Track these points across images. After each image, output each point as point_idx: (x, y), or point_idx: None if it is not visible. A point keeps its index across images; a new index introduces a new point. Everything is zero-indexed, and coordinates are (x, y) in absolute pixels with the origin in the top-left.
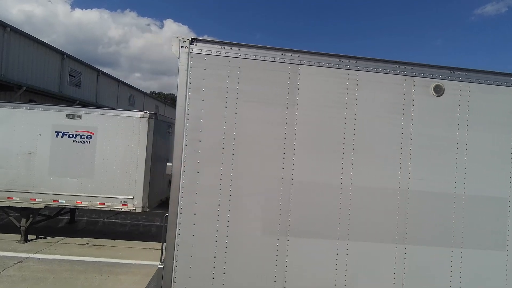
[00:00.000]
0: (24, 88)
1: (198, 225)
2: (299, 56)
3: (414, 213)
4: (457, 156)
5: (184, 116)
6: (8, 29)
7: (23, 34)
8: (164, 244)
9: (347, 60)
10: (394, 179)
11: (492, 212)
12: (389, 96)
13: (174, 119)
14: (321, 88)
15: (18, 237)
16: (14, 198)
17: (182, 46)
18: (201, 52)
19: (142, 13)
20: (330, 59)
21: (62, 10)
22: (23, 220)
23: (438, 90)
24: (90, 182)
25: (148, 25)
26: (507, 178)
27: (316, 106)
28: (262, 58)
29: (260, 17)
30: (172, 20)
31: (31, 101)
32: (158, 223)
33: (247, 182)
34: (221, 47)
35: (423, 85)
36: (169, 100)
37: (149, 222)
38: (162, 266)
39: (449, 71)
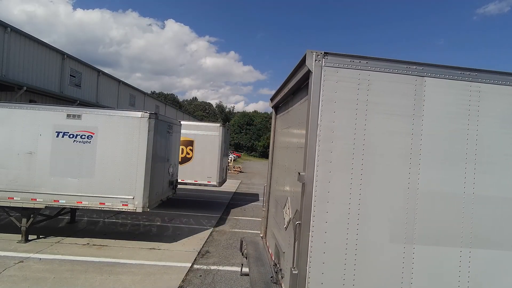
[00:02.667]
0: (25, 88)
1: (330, 232)
2: (423, 68)
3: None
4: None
5: (317, 127)
6: (9, 29)
7: (24, 34)
8: (295, 250)
9: (467, 72)
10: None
11: None
12: (508, 106)
13: (175, 119)
14: (444, 99)
15: (18, 237)
16: (14, 198)
17: (316, 60)
18: (333, 66)
19: (143, 13)
20: (452, 71)
21: (64, 10)
22: (24, 220)
23: None
24: (91, 182)
25: (150, 25)
26: None
27: (440, 117)
28: (389, 71)
29: (260, 18)
30: (173, 20)
31: (31, 101)
32: (159, 223)
33: (375, 191)
34: (351, 60)
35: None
36: (170, 100)
37: (150, 222)
38: (296, 272)
39: None
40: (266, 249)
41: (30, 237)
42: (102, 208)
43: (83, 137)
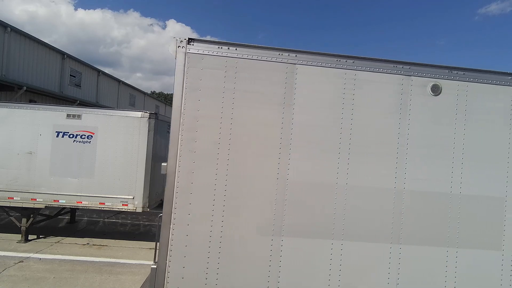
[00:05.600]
0: (25, 88)
1: (192, 225)
2: (296, 55)
3: (410, 213)
4: (454, 156)
5: (180, 116)
6: (9, 29)
7: (24, 34)
8: (158, 244)
9: (344, 60)
10: (390, 179)
11: (488, 211)
12: (386, 95)
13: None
14: (317, 87)
15: (18, 237)
16: (14, 198)
17: (179, 46)
18: (198, 52)
19: (145, 14)
20: (327, 58)
21: (65, 10)
22: (24, 220)
23: (436, 90)
24: (91, 182)
25: (151, 25)
26: (504, 177)
27: (312, 106)
28: (259, 58)
29: (261, 18)
30: (174, 21)
31: (31, 101)
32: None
33: (242, 182)
34: (218, 47)
35: (420, 84)
36: (170, 100)
37: (150, 222)
38: (155, 267)
39: (447, 71)
40: None
41: (30, 237)
42: (102, 208)
43: (83, 137)
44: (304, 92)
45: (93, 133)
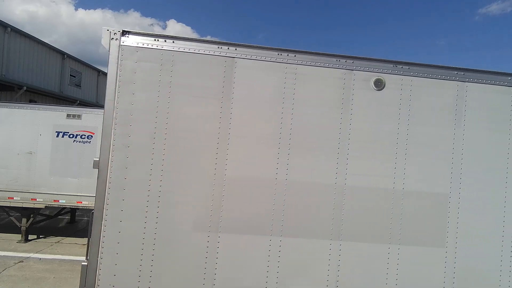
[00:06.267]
0: (25, 88)
1: (126, 221)
2: (236, 49)
3: (351, 209)
4: (397, 152)
5: (113, 110)
6: (9, 29)
7: (24, 34)
8: (90, 240)
9: (285, 54)
10: (331, 174)
11: (432, 208)
12: (328, 90)
13: None
14: (257, 82)
15: (18, 237)
16: (14, 198)
17: (112, 38)
18: (132, 45)
19: (145, 14)
20: (268, 52)
21: (66, 10)
22: (24, 220)
23: (379, 84)
24: (91, 182)
25: (151, 25)
26: (448, 174)
27: (252, 100)
28: (196, 51)
29: (262, 18)
30: (175, 21)
31: (31, 101)
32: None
33: (178, 177)
34: (155, 40)
35: (363, 79)
36: None
37: None
38: (86, 264)
39: (392, 65)
40: None
41: (30, 237)
42: None
43: (83, 137)
44: (244, 86)
45: (93, 133)
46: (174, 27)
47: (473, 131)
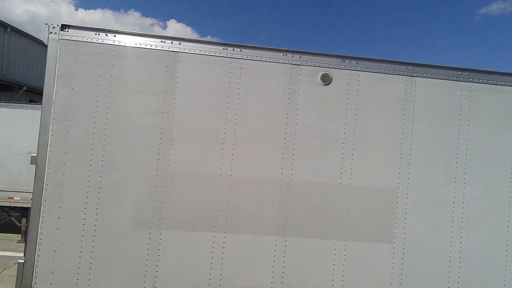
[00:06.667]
0: (25, 88)
1: (64, 218)
2: (180, 43)
3: (297, 205)
4: (344, 147)
5: (51, 105)
6: (9, 29)
7: (24, 34)
8: (27, 238)
9: (231, 48)
10: (277, 170)
11: (380, 203)
12: (274, 85)
13: None
14: (201, 76)
15: (18, 237)
16: (14, 198)
17: (51, 32)
18: (71, 39)
19: (145, 14)
20: (212, 47)
21: (66, 10)
22: (24, 220)
23: (326, 79)
24: None
25: (152, 25)
26: (396, 169)
27: (196, 95)
28: (138, 46)
29: (263, 18)
30: (175, 21)
31: (31, 101)
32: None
33: (118, 174)
34: (95, 34)
35: (310, 73)
36: None
37: None
38: (22, 261)
39: (339, 60)
40: None
41: None
42: None
43: None
44: (187, 81)
45: None
46: (174, 27)
47: (422, 126)
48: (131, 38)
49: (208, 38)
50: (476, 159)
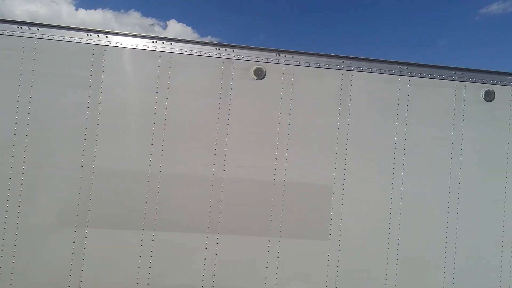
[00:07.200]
0: None
1: None
2: (107, 37)
3: (229, 202)
4: (278, 142)
5: None
6: None
7: None
8: None
9: (161, 42)
10: (208, 166)
11: (315, 200)
12: (205, 79)
13: None
14: (128, 70)
15: None
16: None
17: None
18: None
19: (146, 14)
20: (141, 40)
21: (66, 10)
22: None
23: (259, 74)
24: None
25: (152, 25)
26: (332, 165)
27: (122, 90)
28: (61, 39)
29: (263, 18)
30: (175, 21)
31: None
32: None
33: (42, 171)
34: (18, 27)
35: (243, 68)
36: None
37: None
38: None
39: (274, 54)
40: None
41: None
42: None
43: None
44: (113, 75)
45: None
46: (174, 27)
47: (359, 121)
48: (54, 31)
49: (208, 38)
50: (414, 154)
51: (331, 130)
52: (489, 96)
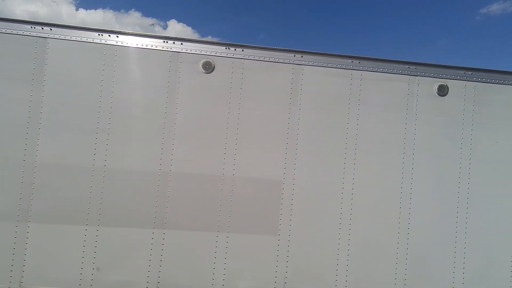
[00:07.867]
0: None
1: None
2: (51, 29)
3: (175, 196)
4: (227, 137)
5: None
6: None
7: None
8: None
9: (107, 35)
10: (155, 160)
11: (265, 195)
12: (152, 73)
13: None
14: (72, 63)
15: None
16: None
17: None
18: None
19: (146, 14)
20: (85, 33)
21: (66, 10)
22: None
23: (208, 67)
24: None
25: (152, 25)
26: (282, 160)
27: (66, 83)
28: (2, 31)
29: (263, 18)
30: (175, 21)
31: None
32: None
33: None
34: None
35: (191, 61)
36: None
37: None
38: None
39: (224, 47)
40: None
41: None
42: None
43: None
44: (57, 68)
45: None
46: (175, 27)
47: (310, 116)
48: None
49: (209, 38)
50: (365, 149)
51: (281, 125)
52: (443, 91)
